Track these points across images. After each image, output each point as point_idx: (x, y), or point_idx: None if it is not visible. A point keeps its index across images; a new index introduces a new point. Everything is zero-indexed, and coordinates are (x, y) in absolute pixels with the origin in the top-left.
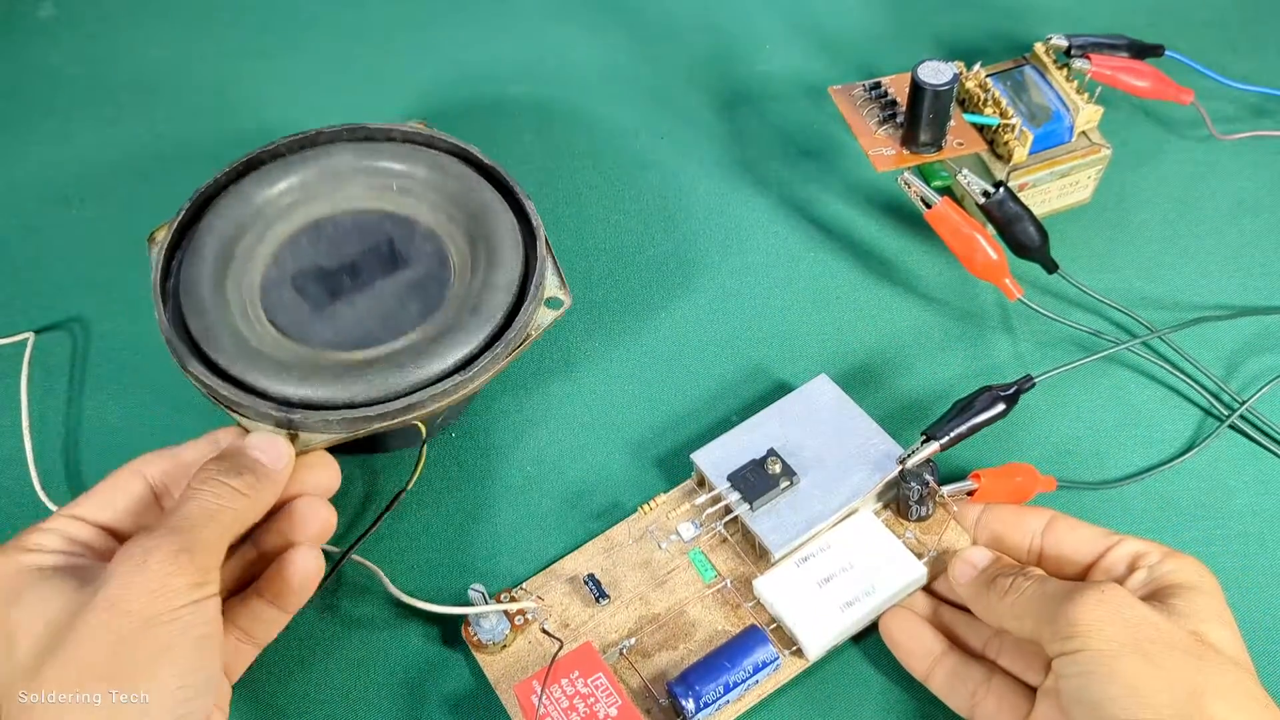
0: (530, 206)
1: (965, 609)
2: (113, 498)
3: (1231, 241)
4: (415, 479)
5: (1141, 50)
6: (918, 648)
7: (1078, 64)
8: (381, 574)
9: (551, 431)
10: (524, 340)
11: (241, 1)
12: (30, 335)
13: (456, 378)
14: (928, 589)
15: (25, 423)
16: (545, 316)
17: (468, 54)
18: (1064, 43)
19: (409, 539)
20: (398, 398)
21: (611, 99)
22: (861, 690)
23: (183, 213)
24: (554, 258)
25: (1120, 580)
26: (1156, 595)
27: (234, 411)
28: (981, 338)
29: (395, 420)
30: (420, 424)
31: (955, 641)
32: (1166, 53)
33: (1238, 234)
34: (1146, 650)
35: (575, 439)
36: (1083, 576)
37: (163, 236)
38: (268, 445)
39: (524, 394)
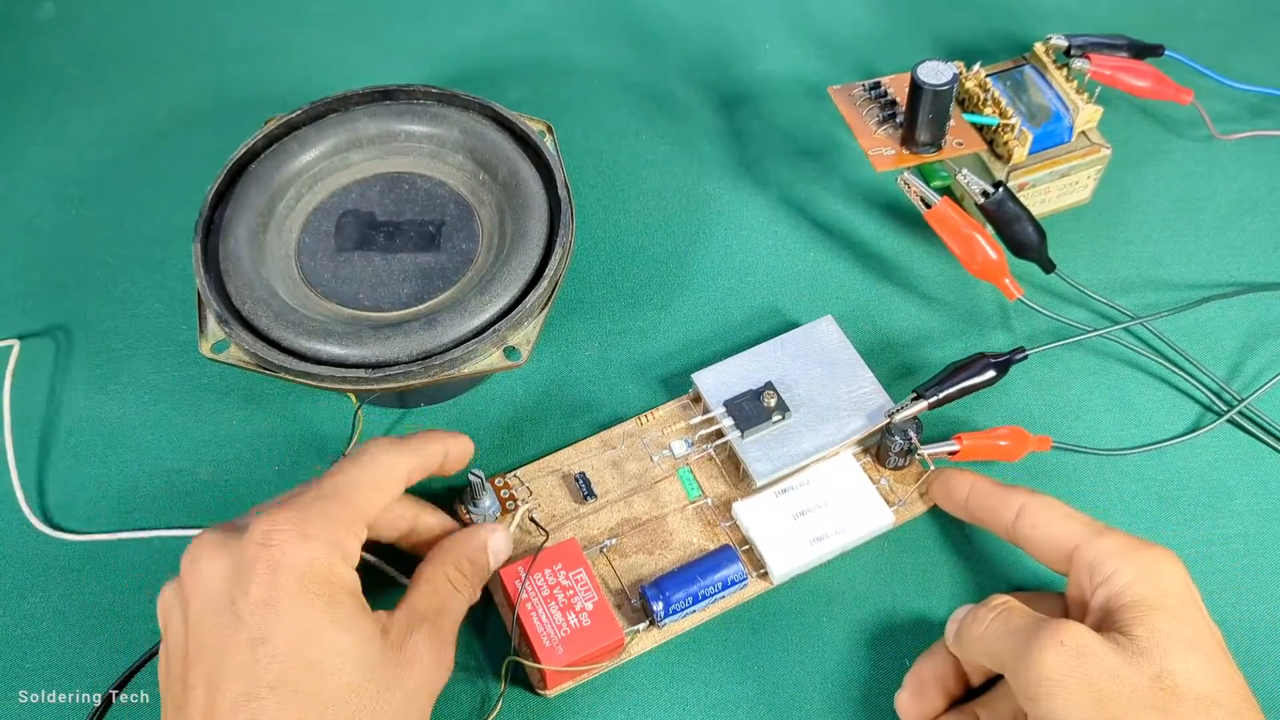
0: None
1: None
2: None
3: (1231, 241)
4: (352, 446)
5: (1141, 50)
6: None
7: (1077, 64)
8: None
9: (551, 430)
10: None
11: (242, 1)
12: (15, 342)
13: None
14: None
15: (7, 425)
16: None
17: (467, 53)
18: (1064, 43)
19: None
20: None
21: (611, 99)
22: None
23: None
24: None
25: (1086, 602)
26: (1115, 617)
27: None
28: (981, 337)
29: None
30: (352, 395)
31: None
32: (1166, 53)
33: (1238, 234)
34: (1112, 715)
35: (573, 437)
36: (1059, 562)
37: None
38: (504, 548)
39: (523, 392)
